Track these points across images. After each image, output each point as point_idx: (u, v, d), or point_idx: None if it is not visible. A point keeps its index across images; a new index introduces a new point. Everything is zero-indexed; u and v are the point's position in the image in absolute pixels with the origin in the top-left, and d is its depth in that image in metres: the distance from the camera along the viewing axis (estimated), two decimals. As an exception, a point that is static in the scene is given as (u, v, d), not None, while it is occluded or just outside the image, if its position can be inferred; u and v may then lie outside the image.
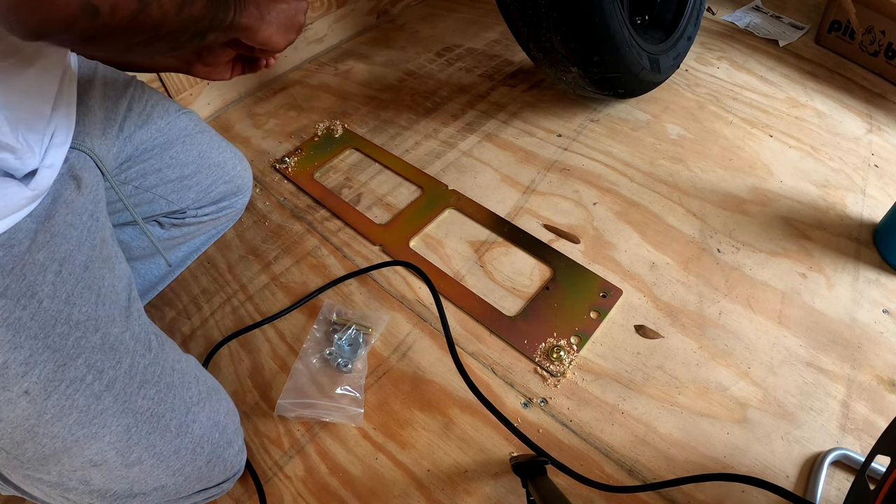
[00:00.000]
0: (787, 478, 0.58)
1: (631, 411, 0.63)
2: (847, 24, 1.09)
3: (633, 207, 0.84)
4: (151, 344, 0.48)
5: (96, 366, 0.43)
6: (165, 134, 0.66)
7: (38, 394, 0.40)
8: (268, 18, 0.48)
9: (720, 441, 0.60)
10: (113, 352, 0.44)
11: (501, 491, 0.57)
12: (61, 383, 0.41)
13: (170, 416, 0.47)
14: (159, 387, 0.47)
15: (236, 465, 0.55)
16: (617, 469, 0.59)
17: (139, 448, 0.46)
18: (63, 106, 0.48)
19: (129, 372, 0.45)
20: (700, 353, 0.67)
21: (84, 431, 0.42)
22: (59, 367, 0.41)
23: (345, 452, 0.61)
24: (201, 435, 0.50)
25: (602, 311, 0.71)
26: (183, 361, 0.51)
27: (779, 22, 1.24)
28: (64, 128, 0.48)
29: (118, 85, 0.62)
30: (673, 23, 1.01)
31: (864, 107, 1.03)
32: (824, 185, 0.87)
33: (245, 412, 0.64)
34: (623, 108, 1.02)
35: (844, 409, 0.62)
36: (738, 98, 1.04)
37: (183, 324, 0.73)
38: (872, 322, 0.70)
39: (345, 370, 0.65)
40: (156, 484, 0.48)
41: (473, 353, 0.68)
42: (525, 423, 0.62)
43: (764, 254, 0.78)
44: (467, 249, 0.79)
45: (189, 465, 0.49)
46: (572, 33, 0.80)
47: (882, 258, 0.77)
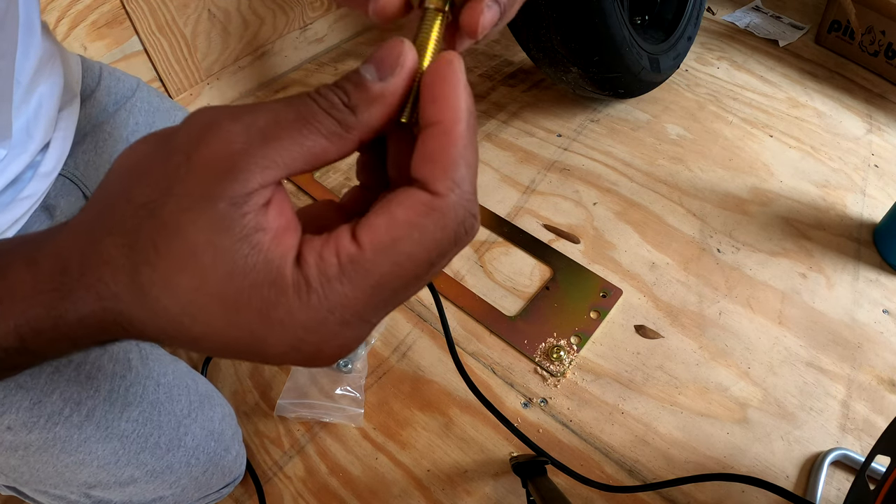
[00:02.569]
0: (787, 478, 0.58)
1: (631, 411, 0.63)
2: (847, 24, 1.09)
3: (633, 207, 0.84)
4: (132, 363, 0.46)
5: (73, 398, 0.41)
6: None
7: (19, 429, 0.39)
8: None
9: (720, 441, 0.60)
10: (90, 380, 0.43)
11: (501, 491, 0.57)
12: (39, 419, 0.40)
13: (158, 434, 0.46)
14: (143, 406, 0.46)
15: (235, 470, 0.54)
16: (617, 469, 0.59)
17: (130, 468, 0.45)
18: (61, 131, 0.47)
19: (109, 398, 0.43)
20: (700, 353, 0.67)
21: (71, 459, 0.42)
22: (34, 404, 0.39)
23: (345, 452, 0.61)
24: (195, 446, 0.49)
25: (602, 311, 0.71)
26: (170, 373, 0.50)
27: (779, 22, 1.24)
28: (55, 156, 0.47)
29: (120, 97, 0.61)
30: (673, 23, 1.01)
31: (864, 107, 1.03)
32: (824, 185, 0.87)
33: (245, 412, 0.64)
34: (623, 108, 1.02)
35: (844, 409, 0.62)
36: (738, 98, 1.04)
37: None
38: (872, 322, 0.70)
39: (345, 370, 0.65)
40: (154, 496, 0.48)
41: (473, 353, 0.68)
42: (525, 423, 0.62)
43: (764, 254, 0.78)
44: (467, 249, 0.79)
45: (185, 478, 0.49)
46: (572, 33, 0.80)
47: (882, 258, 0.77)
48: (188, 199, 0.17)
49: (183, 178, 0.17)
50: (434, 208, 0.17)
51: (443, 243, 0.18)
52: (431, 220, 0.17)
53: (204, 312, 0.17)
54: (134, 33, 0.84)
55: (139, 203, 0.17)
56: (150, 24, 0.84)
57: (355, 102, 0.18)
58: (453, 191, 0.17)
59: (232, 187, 0.17)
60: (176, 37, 0.89)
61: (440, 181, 0.17)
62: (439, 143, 0.18)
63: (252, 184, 0.17)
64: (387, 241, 0.17)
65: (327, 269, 0.17)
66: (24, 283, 0.19)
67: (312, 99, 0.18)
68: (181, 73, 0.93)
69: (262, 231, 0.17)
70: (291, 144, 0.17)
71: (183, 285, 0.17)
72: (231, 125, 0.17)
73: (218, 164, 0.17)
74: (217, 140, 0.17)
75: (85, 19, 0.77)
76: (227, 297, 0.17)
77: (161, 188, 0.17)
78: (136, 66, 0.86)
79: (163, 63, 0.89)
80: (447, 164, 0.17)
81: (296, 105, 0.18)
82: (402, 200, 0.17)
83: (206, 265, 0.16)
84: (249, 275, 0.16)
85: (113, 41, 0.82)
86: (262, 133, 0.17)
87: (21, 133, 0.44)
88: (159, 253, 0.17)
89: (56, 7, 0.74)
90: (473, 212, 0.18)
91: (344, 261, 0.17)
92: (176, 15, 0.87)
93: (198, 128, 0.18)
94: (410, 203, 0.17)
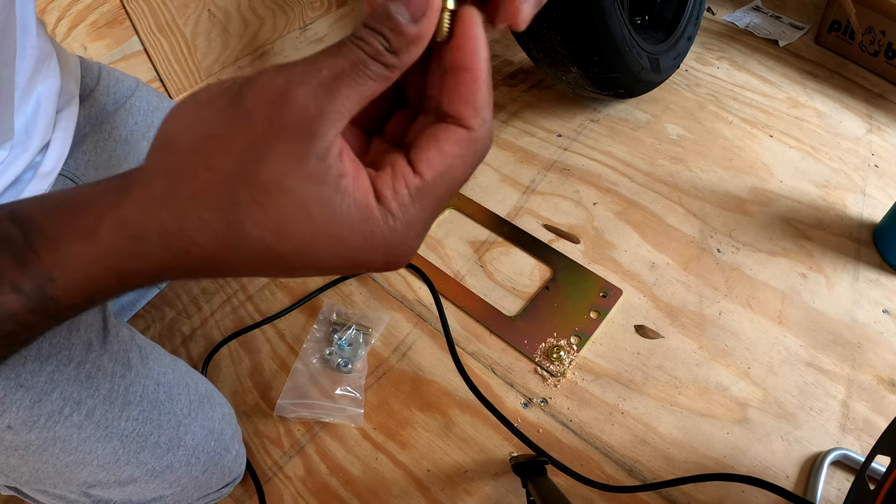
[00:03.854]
0: (787, 478, 0.58)
1: (631, 411, 0.63)
2: (847, 24, 1.09)
3: (633, 207, 0.84)
4: (132, 362, 0.46)
5: (73, 397, 0.41)
6: None
7: (19, 428, 0.39)
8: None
9: (720, 441, 0.60)
10: (90, 380, 0.43)
11: (501, 491, 0.57)
12: (39, 418, 0.40)
13: (158, 433, 0.46)
14: (143, 406, 0.46)
15: (235, 470, 0.54)
16: (617, 469, 0.59)
17: (130, 467, 0.45)
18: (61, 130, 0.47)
19: (109, 397, 0.44)
20: (700, 353, 0.67)
21: (71, 458, 0.42)
22: (34, 403, 0.40)
23: (345, 452, 0.61)
24: (195, 446, 0.49)
25: (602, 311, 0.71)
26: (170, 373, 0.50)
27: (779, 22, 1.24)
28: (55, 156, 0.46)
29: (119, 97, 0.61)
30: (673, 23, 1.01)
31: (864, 107, 1.03)
32: (824, 185, 0.87)
33: (245, 412, 0.64)
34: (623, 108, 1.02)
35: (844, 409, 0.62)
36: (738, 98, 1.04)
37: (183, 324, 0.73)
38: (872, 322, 0.70)
39: (345, 370, 0.65)
40: (154, 495, 0.48)
41: (473, 353, 0.68)
42: (525, 423, 0.62)
43: (764, 254, 0.78)
44: (467, 249, 0.79)
45: (185, 477, 0.49)
46: (572, 33, 0.80)
47: (882, 258, 0.77)
48: (284, 163, 0.20)
49: (272, 146, 0.20)
50: (471, 140, 0.22)
51: (475, 163, 0.23)
52: (471, 149, 0.23)
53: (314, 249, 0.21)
54: (134, 33, 0.84)
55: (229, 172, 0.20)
56: (150, 24, 0.84)
57: (396, 46, 0.21)
58: (482, 126, 0.23)
59: (316, 145, 0.20)
60: (176, 37, 0.89)
61: (473, 118, 0.22)
62: (471, 88, 0.22)
63: (329, 137, 0.20)
64: (441, 169, 0.22)
65: (402, 199, 0.21)
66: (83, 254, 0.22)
67: (358, 46, 0.20)
68: (181, 73, 0.93)
69: (344, 177, 0.20)
70: (351, 93, 0.20)
71: (296, 232, 0.20)
72: (299, 90, 0.20)
73: (300, 128, 0.19)
74: (293, 106, 0.19)
75: (85, 19, 0.77)
76: (333, 235, 0.21)
77: (251, 157, 0.20)
78: (136, 66, 0.86)
79: (163, 63, 0.89)
80: (478, 104, 0.22)
81: (346, 55, 0.20)
82: (448, 136, 0.22)
83: (315, 214, 0.20)
84: (349, 215, 0.20)
85: (113, 41, 0.82)
86: (328, 90, 0.20)
87: (21, 133, 0.44)
88: (268, 211, 0.20)
89: (56, 7, 0.74)
90: (492, 136, 0.24)
91: (413, 190, 0.22)
92: (176, 15, 0.87)
93: (270, 96, 0.20)
94: (455, 139, 0.22)
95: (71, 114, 0.51)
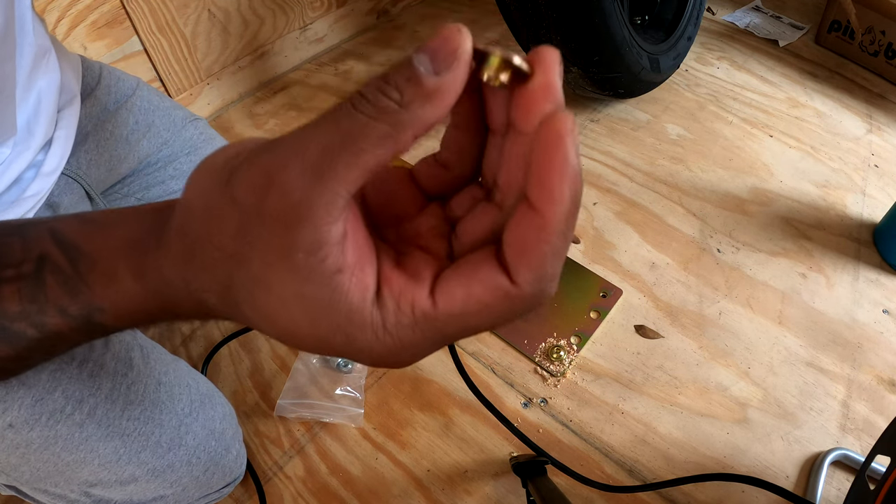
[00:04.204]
0: (787, 478, 0.58)
1: (631, 411, 0.63)
2: (847, 24, 1.09)
3: (633, 207, 0.84)
4: (134, 361, 0.46)
5: (75, 396, 0.42)
6: (170, 146, 0.65)
7: (21, 426, 0.39)
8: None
9: (720, 441, 0.60)
10: (92, 379, 0.43)
11: (501, 491, 0.57)
12: (41, 416, 0.40)
13: (160, 433, 0.46)
14: (144, 405, 0.46)
15: (236, 470, 0.54)
16: (617, 469, 0.59)
17: (131, 467, 0.45)
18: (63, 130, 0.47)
19: (111, 396, 0.44)
20: (700, 353, 0.67)
21: (72, 457, 0.42)
22: (36, 401, 0.40)
23: (345, 452, 0.61)
24: (196, 445, 0.49)
25: (602, 311, 0.71)
26: (171, 372, 0.50)
27: (779, 22, 1.24)
28: (57, 155, 0.47)
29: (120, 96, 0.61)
30: (673, 23, 1.01)
31: (864, 107, 1.03)
32: (824, 185, 0.87)
33: (245, 412, 0.64)
34: (623, 108, 1.02)
35: (844, 409, 0.62)
36: (738, 98, 1.04)
37: (183, 324, 0.73)
38: (872, 322, 0.70)
39: (345, 370, 0.65)
40: (154, 495, 0.48)
41: (473, 353, 0.68)
42: (525, 423, 0.62)
43: (764, 254, 0.78)
44: (467, 249, 0.79)
45: (186, 477, 0.49)
46: (572, 33, 0.80)
47: (882, 258, 0.77)
48: (269, 255, 0.18)
49: (259, 234, 0.18)
50: (509, 297, 0.18)
51: (507, 319, 0.19)
52: (504, 304, 0.18)
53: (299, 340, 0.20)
54: (134, 33, 0.84)
55: (226, 253, 0.19)
56: (150, 24, 0.84)
57: (408, 99, 0.17)
58: (533, 284, 0.18)
59: (303, 237, 0.17)
60: (176, 37, 0.89)
61: (524, 274, 0.18)
62: (532, 237, 0.17)
63: (322, 227, 0.17)
64: (459, 311, 0.18)
65: (402, 319, 0.19)
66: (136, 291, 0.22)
67: (357, 109, 0.17)
68: (181, 73, 0.93)
69: (340, 273, 0.18)
70: (346, 170, 0.17)
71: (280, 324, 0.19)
72: (284, 175, 0.17)
73: (285, 217, 0.17)
74: (277, 195, 0.17)
75: (85, 19, 0.77)
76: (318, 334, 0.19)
77: (244, 242, 0.18)
78: (136, 66, 0.86)
79: (163, 63, 0.89)
80: (534, 260, 0.18)
81: (340, 122, 0.17)
82: (483, 279, 0.18)
83: (296, 313, 0.19)
84: (334, 316, 0.18)
85: (113, 41, 0.82)
86: (315, 171, 0.17)
87: (22, 130, 0.44)
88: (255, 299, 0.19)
89: (56, 7, 0.74)
90: (549, 294, 0.19)
91: (418, 315, 0.19)
92: (176, 15, 0.87)
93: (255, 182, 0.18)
94: (490, 286, 0.18)
95: (73, 112, 0.51)
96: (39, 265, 0.23)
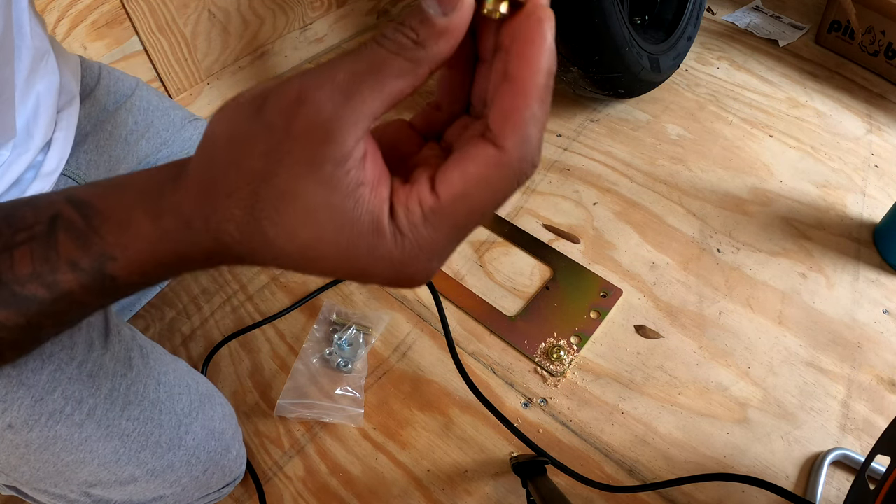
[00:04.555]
0: (787, 478, 0.58)
1: (631, 411, 0.63)
2: (847, 24, 1.09)
3: (633, 207, 0.84)
4: (133, 361, 0.46)
5: (74, 396, 0.41)
6: (170, 146, 0.65)
7: (20, 427, 0.39)
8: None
9: (720, 441, 0.60)
10: (91, 379, 0.43)
11: (501, 491, 0.57)
12: (41, 416, 0.40)
13: (159, 433, 0.46)
14: (144, 405, 0.46)
15: (236, 470, 0.54)
16: (617, 469, 0.59)
17: (131, 467, 0.45)
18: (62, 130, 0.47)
19: (110, 396, 0.44)
20: (700, 353, 0.67)
21: (72, 458, 0.42)
22: (35, 401, 0.40)
23: (345, 452, 0.61)
24: (196, 445, 0.49)
25: (602, 311, 0.71)
26: (171, 372, 0.50)
27: (779, 22, 1.24)
28: (56, 156, 0.47)
29: (120, 96, 0.61)
30: (673, 23, 1.01)
31: (864, 107, 1.03)
32: (824, 185, 0.87)
33: (245, 412, 0.64)
34: (623, 108, 1.02)
35: (844, 409, 0.62)
36: (738, 98, 1.04)
37: (183, 324, 0.73)
38: (872, 322, 0.70)
39: (345, 370, 0.65)
40: (154, 495, 0.48)
41: (473, 353, 0.68)
42: (525, 423, 0.62)
43: (764, 254, 0.78)
44: (467, 249, 0.79)
45: (185, 477, 0.49)
46: (572, 33, 0.80)
47: (882, 258, 0.77)
48: (298, 167, 0.20)
49: (289, 150, 0.20)
50: (500, 164, 0.20)
51: (505, 190, 0.21)
52: (497, 173, 0.20)
53: (320, 255, 0.21)
54: (134, 33, 0.84)
55: (252, 173, 0.20)
56: (150, 24, 0.84)
57: (423, 38, 0.20)
58: (519, 147, 0.20)
59: (332, 151, 0.19)
60: (176, 37, 0.89)
61: (509, 138, 0.20)
62: (514, 103, 0.20)
63: (348, 143, 0.19)
64: (460, 193, 0.20)
65: (413, 218, 0.20)
66: (149, 235, 0.23)
67: (380, 44, 0.20)
68: (181, 73, 0.93)
69: (362, 185, 0.20)
70: (371, 95, 0.19)
71: (303, 236, 0.20)
72: (316, 94, 0.19)
73: (315, 133, 0.19)
74: (308, 112, 0.19)
75: (85, 19, 0.77)
76: (340, 244, 0.20)
77: (271, 160, 0.20)
78: (136, 66, 0.86)
79: (163, 63, 0.89)
80: (517, 123, 0.20)
81: (367, 55, 0.20)
82: (474, 156, 0.20)
83: (322, 221, 0.20)
84: (357, 225, 0.20)
85: (113, 41, 0.82)
86: (345, 93, 0.19)
87: (22, 132, 0.44)
88: (280, 213, 0.20)
89: (56, 7, 0.74)
90: (535, 161, 0.21)
91: (426, 210, 0.20)
92: (176, 15, 0.87)
93: (288, 102, 0.20)
94: (481, 159, 0.20)
95: (72, 113, 0.51)
96: (52, 225, 0.24)
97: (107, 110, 0.60)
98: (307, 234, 0.20)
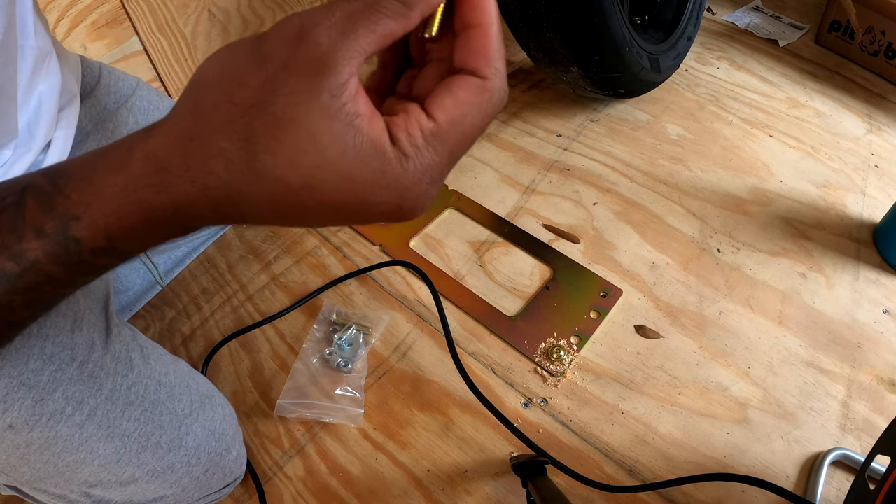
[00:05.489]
0: (787, 478, 0.58)
1: (631, 411, 0.63)
2: (847, 24, 1.09)
3: (633, 207, 0.84)
4: (134, 362, 0.46)
5: (75, 397, 0.42)
6: None
7: (21, 427, 0.39)
8: None
9: (720, 441, 0.60)
10: (92, 379, 0.43)
11: (501, 491, 0.57)
12: (42, 417, 0.40)
13: (160, 434, 0.46)
14: (144, 406, 0.46)
15: (236, 470, 0.54)
16: (617, 469, 0.59)
17: (131, 468, 0.45)
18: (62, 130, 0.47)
19: (111, 397, 0.44)
20: (700, 353, 0.67)
21: (72, 458, 0.42)
22: (36, 402, 0.40)
23: (345, 452, 0.61)
24: (196, 446, 0.49)
25: (602, 311, 0.71)
26: (171, 373, 0.50)
27: (779, 22, 1.24)
28: (56, 155, 0.47)
29: (120, 96, 0.61)
30: (673, 23, 1.01)
31: (864, 107, 1.03)
32: (824, 185, 0.87)
33: (245, 412, 0.64)
34: (623, 108, 1.02)
35: (844, 409, 0.62)
36: (738, 98, 1.04)
37: (183, 324, 0.73)
38: (872, 322, 0.70)
39: (345, 370, 0.65)
40: (154, 495, 0.48)
41: (473, 353, 0.68)
42: (525, 423, 0.62)
43: (764, 254, 0.78)
44: (467, 249, 0.79)
45: (186, 477, 0.49)
46: (572, 33, 0.80)
47: (882, 258, 0.77)
48: (296, 96, 0.20)
49: (285, 80, 0.20)
50: (485, 89, 0.23)
51: (490, 114, 0.24)
52: (485, 98, 0.23)
53: (323, 183, 0.21)
54: (134, 33, 0.84)
55: (246, 104, 0.21)
56: (150, 24, 0.84)
57: None
58: (496, 75, 0.23)
59: (328, 82, 0.20)
60: (176, 37, 0.89)
61: (486, 69, 0.23)
62: (483, 42, 0.23)
63: (343, 75, 0.20)
64: (456, 115, 0.22)
65: (416, 141, 0.22)
66: (113, 186, 0.22)
67: None
68: (181, 73, 0.93)
69: (359, 117, 0.21)
70: (366, 32, 0.21)
71: (306, 163, 0.21)
72: (315, 29, 0.20)
73: (313, 64, 0.20)
74: (307, 45, 0.20)
75: (85, 19, 0.77)
76: (343, 170, 0.21)
77: (267, 90, 0.20)
78: (136, 66, 0.86)
79: (163, 63, 0.89)
80: (490, 56, 0.23)
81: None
82: (462, 85, 0.23)
83: (325, 145, 0.20)
84: (360, 152, 0.21)
85: (113, 41, 0.82)
86: (341, 29, 0.20)
87: (24, 132, 0.44)
88: (280, 141, 0.20)
89: (56, 7, 0.74)
90: (506, 88, 0.24)
91: (427, 133, 0.22)
92: (176, 15, 0.87)
93: (288, 36, 0.21)
94: (469, 87, 0.23)
95: (72, 112, 0.51)
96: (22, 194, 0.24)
97: (108, 110, 0.60)
98: (309, 160, 0.21)
